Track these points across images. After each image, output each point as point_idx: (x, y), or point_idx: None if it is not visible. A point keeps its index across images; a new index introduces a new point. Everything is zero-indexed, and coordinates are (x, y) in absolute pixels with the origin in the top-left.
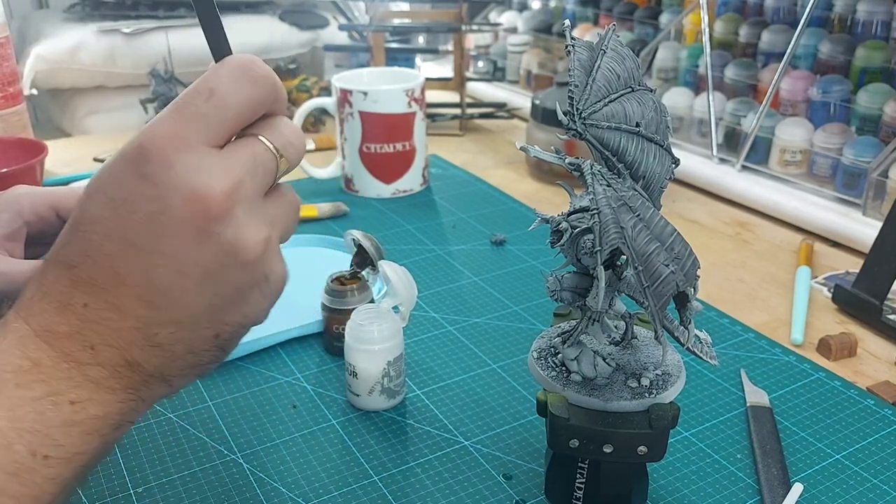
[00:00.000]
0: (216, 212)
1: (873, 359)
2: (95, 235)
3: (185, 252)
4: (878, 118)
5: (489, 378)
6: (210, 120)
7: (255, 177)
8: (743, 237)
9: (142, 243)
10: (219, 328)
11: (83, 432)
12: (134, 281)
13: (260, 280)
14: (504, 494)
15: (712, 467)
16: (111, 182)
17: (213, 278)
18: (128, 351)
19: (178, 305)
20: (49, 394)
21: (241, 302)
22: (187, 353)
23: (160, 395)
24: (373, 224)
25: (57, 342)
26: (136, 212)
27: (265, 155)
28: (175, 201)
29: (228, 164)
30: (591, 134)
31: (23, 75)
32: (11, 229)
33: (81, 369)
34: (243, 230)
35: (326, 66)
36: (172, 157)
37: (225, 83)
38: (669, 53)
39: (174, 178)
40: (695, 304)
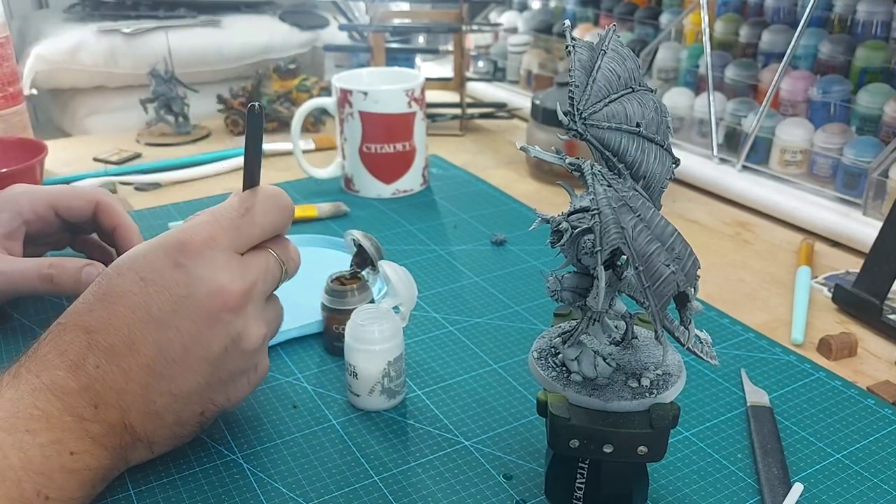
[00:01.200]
0: (233, 305)
1: (873, 358)
2: (121, 307)
3: (198, 332)
4: (878, 118)
5: (490, 378)
6: (241, 232)
7: (265, 282)
8: (743, 237)
9: (162, 318)
10: (206, 405)
11: (79, 480)
12: (146, 350)
13: (250, 369)
14: (504, 494)
15: (713, 467)
16: (145, 265)
17: (216, 360)
18: (127, 413)
19: (180, 378)
20: (54, 441)
21: (230, 385)
22: (175, 424)
23: (140, 458)
24: (373, 224)
25: (65, 397)
26: (164, 292)
27: (275, 266)
28: (201, 290)
29: (248, 269)
30: (592, 134)
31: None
32: (11, 228)
33: (83, 424)
34: (250, 324)
35: (326, 66)
36: (206, 254)
37: (259, 206)
38: (670, 54)
39: (204, 271)
40: (695, 304)
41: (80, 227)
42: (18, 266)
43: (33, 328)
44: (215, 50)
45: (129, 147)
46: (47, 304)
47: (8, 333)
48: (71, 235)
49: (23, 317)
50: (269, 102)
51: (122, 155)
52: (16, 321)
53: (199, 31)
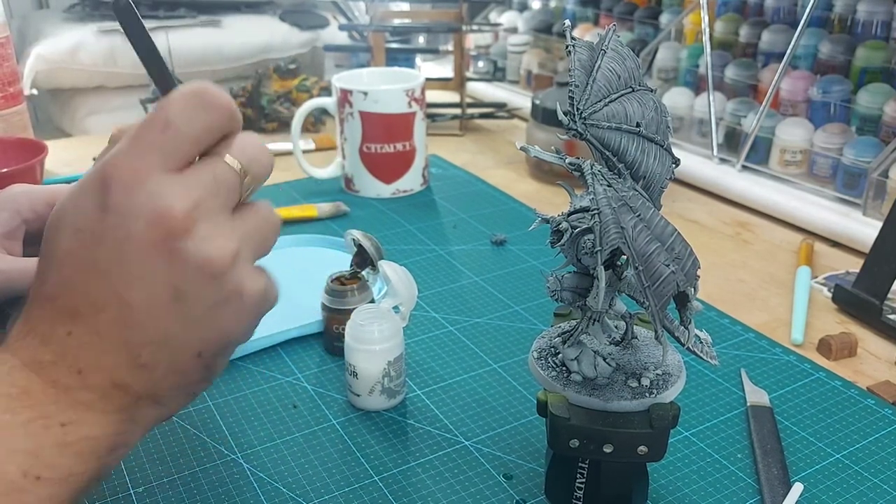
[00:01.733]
0: (178, 229)
1: (873, 358)
2: (68, 268)
3: (154, 273)
4: (878, 118)
5: (490, 378)
6: (167, 150)
7: (217, 195)
8: (743, 237)
9: (113, 270)
10: (200, 346)
11: (76, 453)
12: (111, 306)
13: (231, 295)
14: (504, 494)
15: (713, 467)
16: (76, 214)
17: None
18: (114, 373)
19: (154, 326)
20: (38, 417)
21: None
22: (172, 373)
23: (154, 416)
24: (373, 224)
25: (43, 370)
26: (103, 241)
27: (226, 173)
28: (138, 226)
29: (187, 185)
30: (592, 134)
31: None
32: (10, 228)
33: (70, 393)
34: (207, 245)
35: (326, 66)
36: (132, 187)
37: (179, 113)
38: (670, 53)
39: (135, 205)
40: (695, 304)
41: None
42: (18, 266)
43: None
44: (215, 50)
45: None
46: None
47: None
48: None
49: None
50: (269, 102)
51: None
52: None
53: (199, 31)
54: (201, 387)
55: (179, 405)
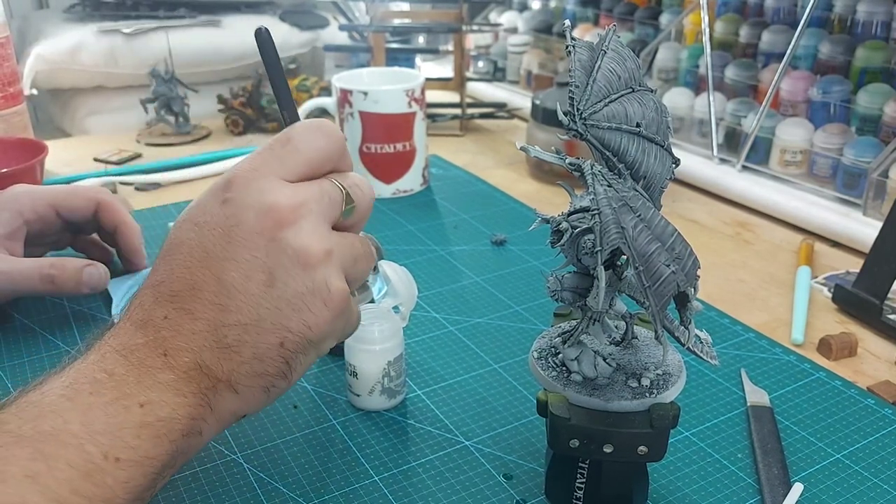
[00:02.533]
0: (283, 221)
1: (873, 358)
2: (180, 255)
3: (254, 256)
4: (878, 118)
5: (490, 378)
6: (285, 160)
7: (320, 202)
8: (743, 237)
9: (217, 252)
10: (283, 335)
11: (152, 435)
12: (208, 287)
13: (321, 287)
14: (505, 494)
15: (713, 467)
16: (198, 211)
17: (277, 280)
18: (199, 354)
19: (245, 306)
20: (119, 398)
21: (302, 308)
22: (253, 359)
23: (231, 408)
24: (373, 224)
25: (132, 354)
26: (216, 229)
27: (331, 188)
28: (249, 215)
29: (297, 189)
30: (592, 134)
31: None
32: (11, 228)
33: (152, 374)
34: (306, 237)
35: (326, 66)
36: (251, 184)
37: (299, 134)
38: (670, 54)
39: (249, 197)
40: (695, 304)
41: (81, 227)
42: (19, 266)
43: (34, 328)
44: (215, 50)
45: (129, 147)
46: (48, 305)
47: (8, 333)
48: (72, 235)
49: (23, 317)
50: (270, 102)
51: (122, 155)
52: (16, 321)
53: (199, 31)
54: (279, 384)
55: (256, 401)
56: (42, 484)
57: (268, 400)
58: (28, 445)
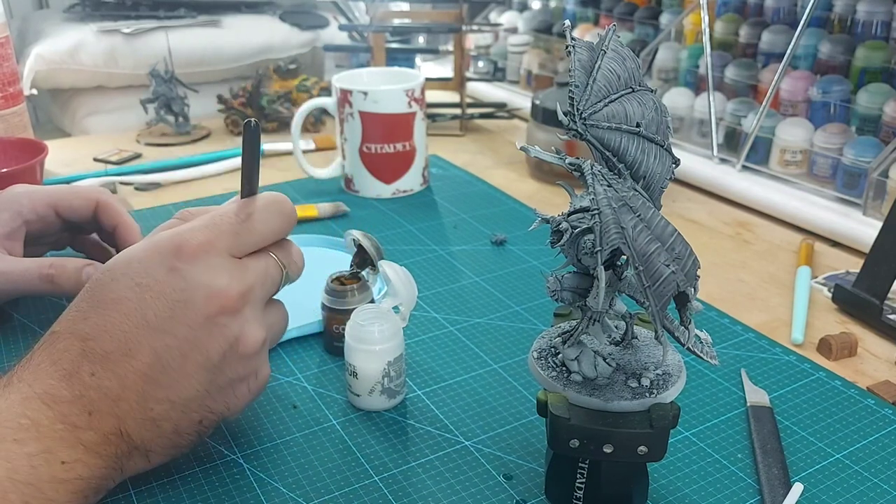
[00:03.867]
0: (230, 308)
1: (873, 358)
2: (116, 314)
3: (195, 337)
4: (878, 118)
5: (490, 378)
6: (240, 238)
7: (264, 286)
8: (743, 237)
9: (158, 324)
10: (204, 414)
11: (70, 491)
12: (143, 357)
13: (250, 375)
14: (505, 494)
15: (713, 467)
16: (140, 269)
17: (214, 366)
18: (123, 421)
19: (178, 385)
20: (43, 451)
21: (229, 392)
22: (172, 433)
23: (137, 468)
24: (373, 224)
25: (57, 406)
26: (160, 298)
27: (274, 270)
28: (198, 294)
29: (246, 272)
30: (592, 134)
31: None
32: (11, 228)
33: (76, 432)
34: (248, 327)
35: (326, 66)
36: (203, 258)
37: (260, 213)
38: (670, 54)
39: (201, 275)
40: (695, 304)
41: (81, 227)
42: (19, 266)
43: (33, 328)
44: (215, 50)
45: (129, 147)
46: (47, 304)
47: (8, 333)
48: (71, 235)
49: (23, 317)
50: (269, 102)
51: (122, 155)
52: (16, 321)
53: (199, 31)
54: (185, 450)
55: (161, 461)
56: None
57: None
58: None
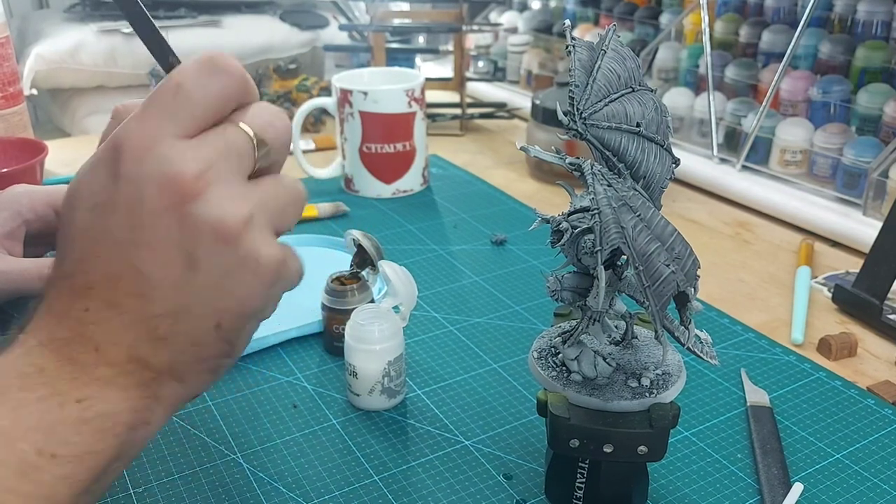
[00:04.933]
0: (189, 193)
1: (873, 358)
2: (83, 243)
3: (167, 239)
4: (878, 118)
5: (490, 378)
6: (178, 114)
7: (228, 158)
8: (743, 237)
9: (126, 238)
10: (218, 317)
11: (93, 430)
12: (126, 277)
13: (248, 260)
14: (504, 494)
15: (713, 467)
16: (90, 191)
17: (198, 261)
18: (133, 347)
19: (170, 295)
20: (53, 394)
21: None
22: (191, 346)
23: (177, 395)
24: (373, 224)
25: (60, 349)
26: (116, 210)
27: (238, 138)
28: (150, 191)
29: (198, 150)
30: (592, 134)
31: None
32: (10, 228)
33: (87, 370)
34: (218, 208)
35: (326, 66)
36: (143, 154)
37: (191, 78)
38: (670, 54)
39: (146, 170)
40: (695, 304)
41: None
42: (19, 266)
43: None
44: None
45: None
46: None
47: (8, 333)
48: None
49: (23, 317)
50: (270, 102)
51: None
52: (16, 321)
53: (199, 31)
54: (224, 363)
55: (203, 382)
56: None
57: (216, 378)
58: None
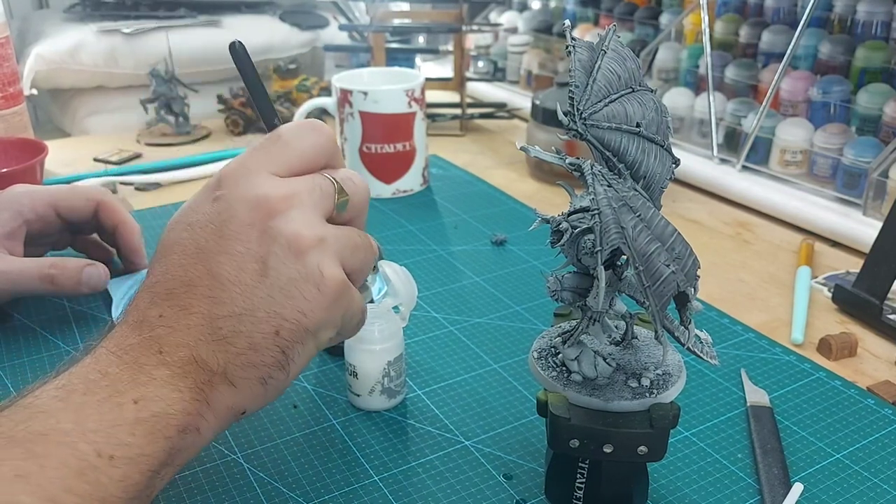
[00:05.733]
0: (274, 210)
1: (873, 358)
2: (174, 255)
3: (247, 248)
4: (878, 118)
5: (490, 378)
6: (275, 156)
7: (311, 193)
8: (743, 237)
9: (210, 247)
10: (278, 323)
11: (147, 431)
12: (202, 282)
13: (313, 273)
14: (505, 494)
15: (713, 467)
16: (190, 211)
17: (269, 268)
18: (194, 348)
19: (239, 297)
20: (112, 395)
21: (295, 294)
22: (249, 349)
23: (227, 403)
24: (373, 224)
25: (126, 354)
26: (209, 226)
27: (322, 181)
28: (240, 208)
29: (288, 182)
30: (592, 134)
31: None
32: (11, 228)
33: (147, 371)
34: (297, 224)
35: (326, 66)
36: (241, 180)
37: (290, 131)
38: (670, 54)
39: (240, 191)
40: (695, 304)
41: (81, 227)
42: (19, 266)
43: (33, 328)
44: (215, 50)
45: (129, 147)
46: (48, 305)
47: (8, 333)
48: (71, 235)
49: (23, 317)
50: None
51: (122, 155)
52: (16, 321)
53: (199, 31)
54: (276, 376)
55: (254, 394)
56: (34, 483)
57: (266, 393)
58: (19, 446)
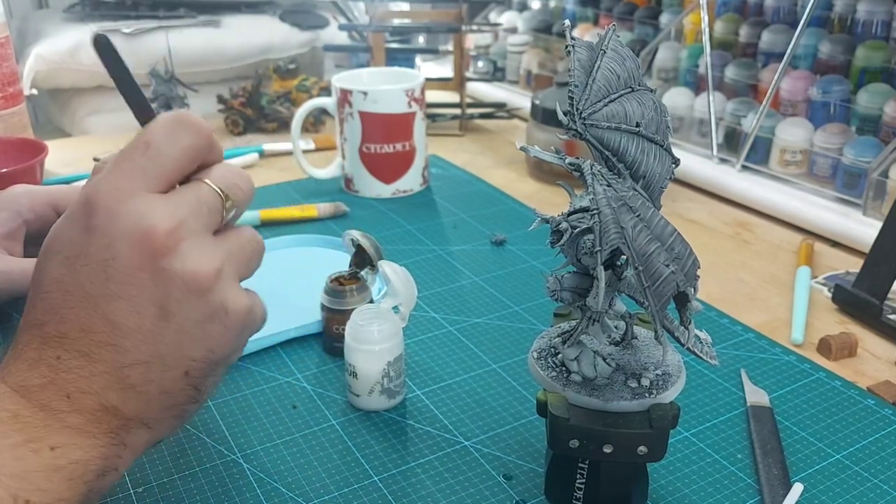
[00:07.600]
0: (162, 248)
1: (873, 359)
2: (57, 293)
3: (140, 292)
4: (878, 118)
5: (489, 378)
6: (148, 170)
7: (198, 215)
8: (743, 237)
9: (99, 292)
10: (187, 365)
11: (65, 478)
12: (98, 328)
13: (218, 311)
14: (504, 494)
15: (713, 467)
16: (63, 242)
17: (170, 313)
18: (103, 396)
19: (143, 344)
20: (28, 440)
21: (202, 336)
22: (161, 394)
23: (144, 441)
24: (373, 224)
25: (32, 395)
26: (89, 264)
27: (209, 195)
28: (123, 247)
29: (170, 206)
30: (592, 134)
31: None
32: (10, 228)
33: (59, 417)
34: (191, 262)
35: (326, 66)
36: (115, 208)
37: (159, 135)
38: (669, 53)
39: (119, 225)
40: (695, 304)
41: None
42: (19, 266)
43: None
44: (215, 50)
45: None
46: None
47: (8, 333)
48: None
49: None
50: (269, 102)
51: None
52: (16, 321)
53: (199, 31)
54: (191, 409)
55: (170, 427)
56: None
57: (181, 423)
58: None
